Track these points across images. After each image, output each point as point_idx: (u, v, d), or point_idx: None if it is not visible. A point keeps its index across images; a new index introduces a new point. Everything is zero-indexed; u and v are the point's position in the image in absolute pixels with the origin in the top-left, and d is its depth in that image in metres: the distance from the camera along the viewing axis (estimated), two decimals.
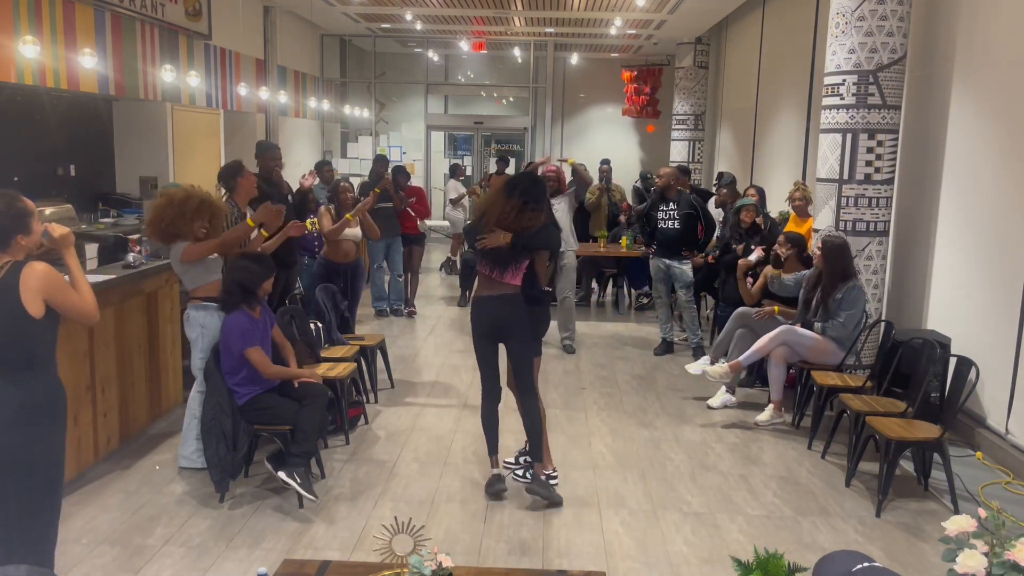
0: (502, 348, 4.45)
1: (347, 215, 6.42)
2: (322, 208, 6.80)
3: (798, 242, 6.28)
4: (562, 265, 7.41)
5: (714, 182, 9.57)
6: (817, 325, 5.62)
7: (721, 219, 8.31)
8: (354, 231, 6.85)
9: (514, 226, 4.24)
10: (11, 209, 2.82)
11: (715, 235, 7.94)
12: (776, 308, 6.00)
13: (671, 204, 7.38)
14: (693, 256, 7.45)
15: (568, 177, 7.68)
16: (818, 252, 5.69)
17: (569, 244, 7.34)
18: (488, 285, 4.40)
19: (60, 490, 3.05)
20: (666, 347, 7.63)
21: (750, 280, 6.50)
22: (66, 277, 2.96)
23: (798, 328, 5.66)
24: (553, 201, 7.04)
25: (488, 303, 4.37)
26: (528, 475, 4.51)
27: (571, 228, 7.52)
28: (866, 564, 2.08)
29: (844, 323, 5.50)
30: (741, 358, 5.78)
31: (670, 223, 7.35)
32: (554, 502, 4.32)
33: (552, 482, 4.42)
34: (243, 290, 4.37)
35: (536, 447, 4.43)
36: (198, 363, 4.55)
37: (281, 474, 4.19)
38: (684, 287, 7.41)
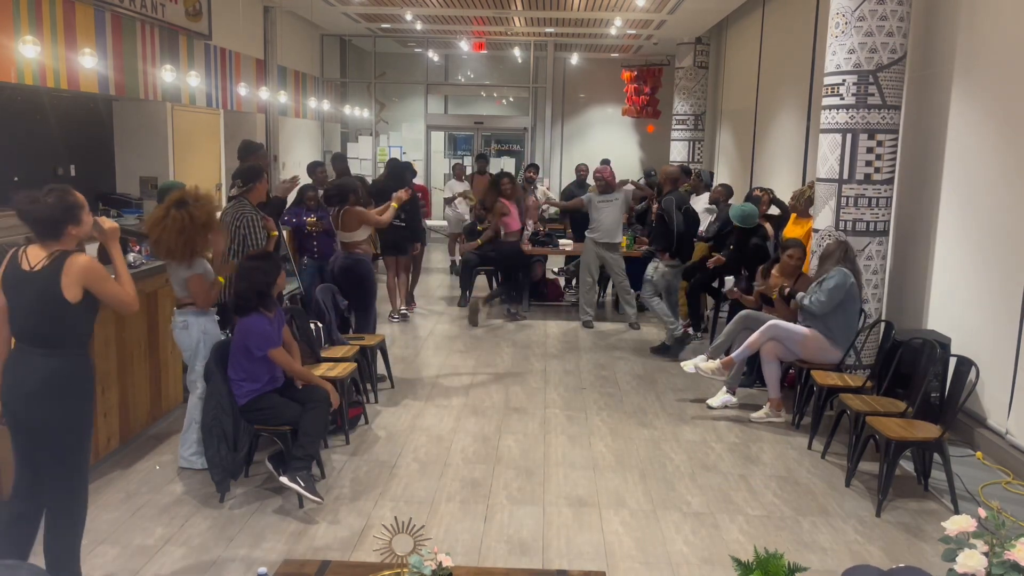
0: None
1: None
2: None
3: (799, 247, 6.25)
4: (607, 256, 8.40)
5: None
6: (800, 295, 5.65)
7: (714, 217, 8.32)
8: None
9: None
10: (63, 202, 3.05)
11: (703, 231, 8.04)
12: (774, 296, 6.04)
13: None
14: (662, 255, 7.60)
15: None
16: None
17: (613, 237, 8.36)
18: None
19: (86, 465, 3.28)
20: (664, 348, 7.62)
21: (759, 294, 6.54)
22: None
23: (784, 322, 5.69)
24: (608, 197, 8.27)
25: None
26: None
27: (619, 223, 8.40)
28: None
29: (825, 301, 5.46)
30: (733, 354, 5.82)
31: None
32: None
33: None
34: (259, 294, 4.37)
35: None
36: (199, 369, 4.52)
37: (284, 479, 4.19)
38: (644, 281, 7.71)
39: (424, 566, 2.23)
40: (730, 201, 8.42)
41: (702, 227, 8.40)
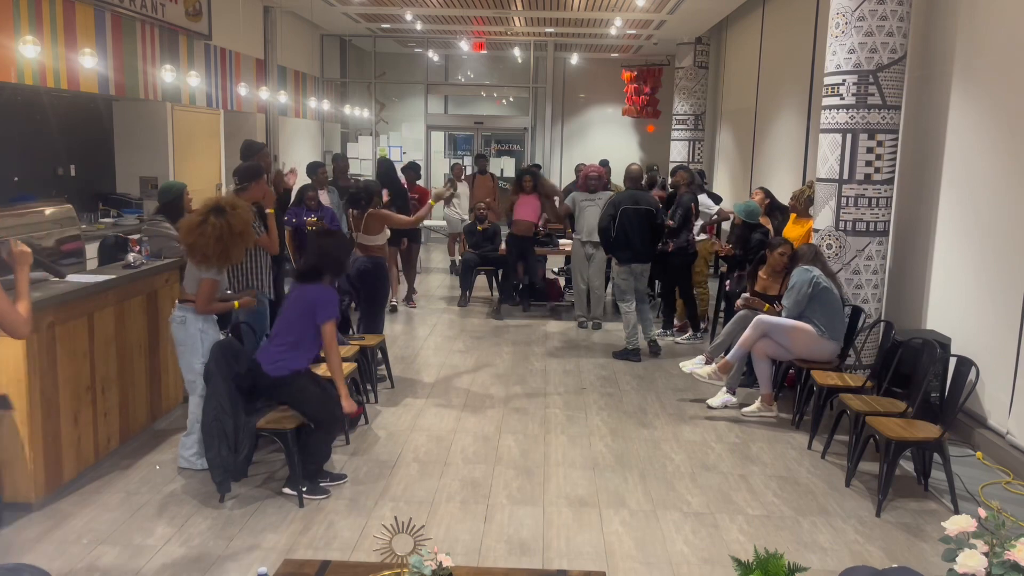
0: None
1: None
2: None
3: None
4: (591, 254, 8.31)
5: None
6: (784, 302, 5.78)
7: (675, 204, 8.31)
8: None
9: None
10: None
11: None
12: (767, 307, 6.03)
13: None
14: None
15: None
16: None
17: (595, 235, 8.04)
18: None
19: None
20: (652, 348, 7.66)
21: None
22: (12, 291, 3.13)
23: (771, 316, 5.73)
24: (591, 197, 8.24)
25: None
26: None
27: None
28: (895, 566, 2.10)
29: (791, 305, 5.62)
30: (729, 356, 5.83)
31: None
32: None
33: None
34: (337, 263, 4.45)
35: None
36: (197, 367, 4.52)
37: (285, 489, 4.34)
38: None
39: (424, 566, 2.23)
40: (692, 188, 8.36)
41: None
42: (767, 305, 6.02)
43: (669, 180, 10.36)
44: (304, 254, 4.62)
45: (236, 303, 4.73)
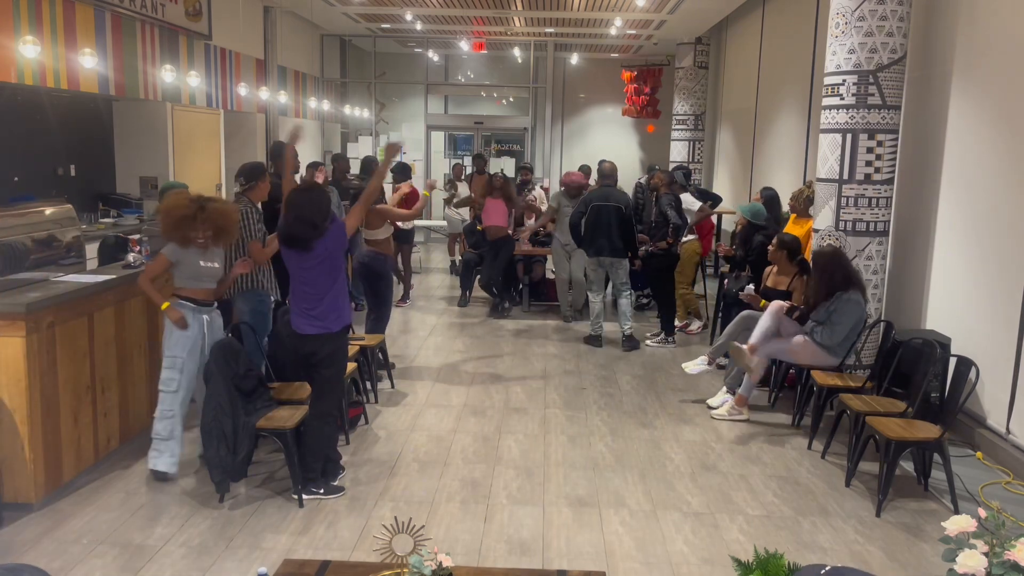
0: None
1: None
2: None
3: (790, 245, 6.23)
4: (572, 252, 8.46)
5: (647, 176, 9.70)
6: (810, 323, 5.60)
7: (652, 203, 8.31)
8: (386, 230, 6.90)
9: None
10: None
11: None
12: (763, 302, 6.01)
13: None
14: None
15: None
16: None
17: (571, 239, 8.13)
18: None
19: None
20: (624, 343, 7.75)
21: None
22: None
23: (775, 346, 5.65)
24: (573, 202, 8.19)
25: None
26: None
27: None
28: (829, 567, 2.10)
29: (832, 333, 5.42)
30: (741, 390, 5.79)
31: None
32: None
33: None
34: (313, 226, 4.17)
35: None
36: (167, 361, 4.46)
37: (306, 497, 4.31)
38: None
39: (424, 566, 2.23)
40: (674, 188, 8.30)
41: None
42: (763, 300, 6.01)
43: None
44: (286, 211, 4.30)
45: (165, 304, 4.46)
